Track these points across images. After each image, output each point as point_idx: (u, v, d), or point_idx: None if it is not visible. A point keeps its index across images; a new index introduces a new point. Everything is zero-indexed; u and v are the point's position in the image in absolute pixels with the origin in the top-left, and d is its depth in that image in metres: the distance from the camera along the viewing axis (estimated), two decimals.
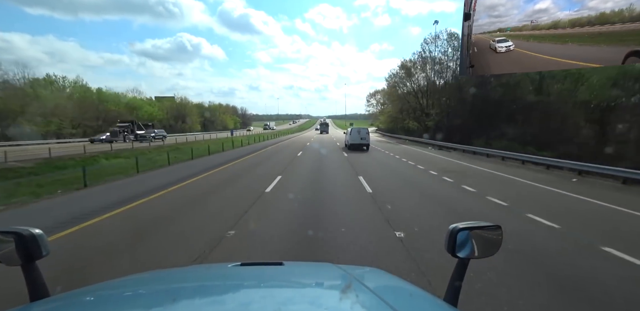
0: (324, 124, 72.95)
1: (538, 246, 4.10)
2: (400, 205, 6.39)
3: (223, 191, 7.89)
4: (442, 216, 5.65)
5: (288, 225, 4.96)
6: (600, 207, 6.33)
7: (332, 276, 1.20)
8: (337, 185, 8.80)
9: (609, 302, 2.72)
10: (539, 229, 4.81)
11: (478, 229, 1.14)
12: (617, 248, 3.88)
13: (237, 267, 1.26)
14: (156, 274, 1.28)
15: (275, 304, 0.83)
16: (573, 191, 7.88)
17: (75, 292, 0.97)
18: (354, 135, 22.77)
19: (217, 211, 5.94)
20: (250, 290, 1.00)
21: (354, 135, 22.77)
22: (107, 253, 4.00)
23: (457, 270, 1.11)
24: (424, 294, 1.09)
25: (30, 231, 0.95)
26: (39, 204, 7.07)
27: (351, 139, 22.73)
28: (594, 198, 7.05)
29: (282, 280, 1.15)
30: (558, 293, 2.89)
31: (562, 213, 5.72)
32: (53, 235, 4.64)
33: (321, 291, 1.04)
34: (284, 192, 7.63)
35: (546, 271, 3.31)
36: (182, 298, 0.87)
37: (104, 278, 2.18)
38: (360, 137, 22.52)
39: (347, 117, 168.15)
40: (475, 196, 7.27)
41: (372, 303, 0.85)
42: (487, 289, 2.86)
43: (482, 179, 10.03)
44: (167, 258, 3.88)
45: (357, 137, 22.51)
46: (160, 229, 4.94)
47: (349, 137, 23.12)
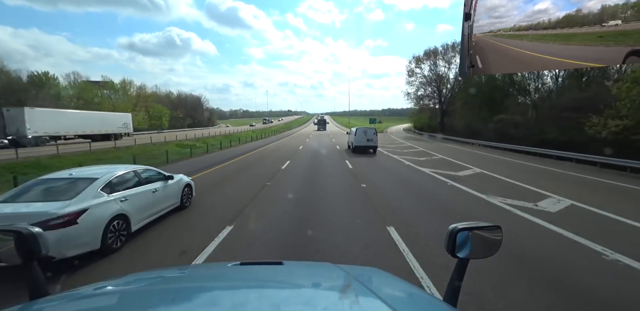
0: (321, 120, 71.78)
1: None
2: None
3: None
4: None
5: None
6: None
7: (332, 276, 1.20)
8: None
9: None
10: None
11: (478, 230, 1.13)
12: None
13: (236, 266, 1.26)
14: (156, 273, 1.28)
15: (274, 304, 0.82)
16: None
17: (74, 291, 0.97)
18: (359, 136, 20.46)
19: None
20: (249, 290, 1.00)
21: (359, 136, 20.46)
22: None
23: (456, 270, 1.11)
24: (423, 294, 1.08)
25: (30, 229, 0.94)
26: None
27: (356, 141, 20.53)
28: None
29: (282, 279, 1.15)
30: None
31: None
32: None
33: (320, 291, 1.04)
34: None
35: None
36: (181, 297, 0.87)
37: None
38: (367, 138, 20.33)
39: (348, 114, 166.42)
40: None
41: (371, 303, 0.85)
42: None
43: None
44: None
45: (363, 138, 20.32)
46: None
47: (354, 139, 20.90)
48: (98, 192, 4.74)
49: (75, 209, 4.21)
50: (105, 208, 4.66)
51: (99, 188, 4.80)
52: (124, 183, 5.38)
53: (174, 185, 6.81)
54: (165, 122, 67.53)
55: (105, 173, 5.14)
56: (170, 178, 6.72)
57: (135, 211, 5.22)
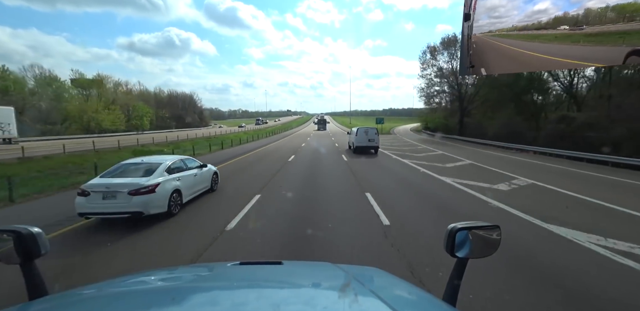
0: (321, 120, 71.32)
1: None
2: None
3: None
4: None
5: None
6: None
7: (331, 276, 1.20)
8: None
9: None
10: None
11: (477, 229, 1.13)
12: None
13: (236, 266, 1.26)
14: (156, 273, 1.28)
15: (274, 304, 0.82)
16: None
17: (73, 291, 0.97)
18: (360, 136, 19.63)
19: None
20: (248, 289, 1.00)
21: (360, 136, 19.63)
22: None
23: (455, 270, 1.10)
24: (422, 293, 1.08)
25: (30, 229, 0.94)
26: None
27: (357, 141, 19.61)
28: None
29: (281, 279, 1.15)
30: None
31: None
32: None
33: (320, 290, 1.03)
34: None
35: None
36: (181, 297, 0.87)
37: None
38: (368, 138, 19.58)
39: (348, 114, 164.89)
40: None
41: (370, 302, 0.85)
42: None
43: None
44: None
45: (365, 138, 19.55)
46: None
47: (355, 139, 19.90)
48: (163, 172, 6.55)
49: (154, 183, 6.05)
50: (169, 183, 6.48)
51: (164, 170, 6.62)
52: (177, 167, 7.18)
53: (207, 172, 8.51)
54: (146, 122, 59.18)
55: (165, 160, 7.04)
56: (204, 166, 8.45)
57: (185, 188, 7.02)
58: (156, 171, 6.43)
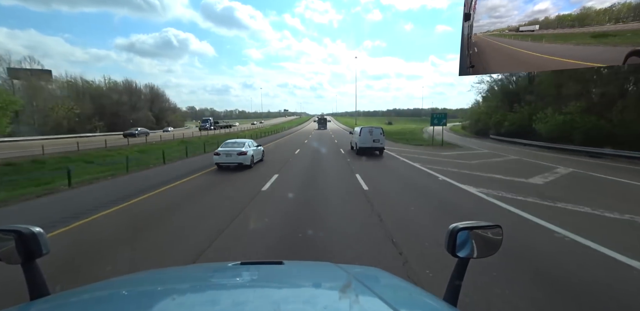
0: (322, 119, 70.99)
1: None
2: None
3: None
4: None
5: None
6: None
7: (332, 276, 1.20)
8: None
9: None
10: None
11: (478, 229, 1.13)
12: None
13: (236, 266, 1.26)
14: (156, 273, 1.28)
15: (274, 303, 0.83)
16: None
17: (75, 291, 0.97)
18: (364, 136, 18.15)
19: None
20: (249, 289, 1.00)
21: (364, 136, 18.15)
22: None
23: (457, 270, 1.10)
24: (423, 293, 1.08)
25: (31, 229, 0.94)
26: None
27: (360, 142, 18.15)
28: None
29: (281, 279, 1.15)
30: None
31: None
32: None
33: (320, 290, 1.03)
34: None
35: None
36: (182, 297, 0.87)
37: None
38: (373, 139, 18.09)
39: (351, 114, 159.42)
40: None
41: (371, 302, 0.85)
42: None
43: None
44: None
45: (369, 138, 18.09)
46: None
47: (358, 139, 18.39)
48: (248, 146, 12.78)
49: (245, 150, 12.28)
50: (250, 151, 12.55)
51: (248, 144, 12.96)
52: (251, 145, 13.51)
53: (261, 149, 14.86)
54: (5, 122, 28.48)
55: (247, 141, 13.59)
56: (260, 146, 14.88)
57: (255, 155, 13.21)
58: (244, 145, 12.73)
